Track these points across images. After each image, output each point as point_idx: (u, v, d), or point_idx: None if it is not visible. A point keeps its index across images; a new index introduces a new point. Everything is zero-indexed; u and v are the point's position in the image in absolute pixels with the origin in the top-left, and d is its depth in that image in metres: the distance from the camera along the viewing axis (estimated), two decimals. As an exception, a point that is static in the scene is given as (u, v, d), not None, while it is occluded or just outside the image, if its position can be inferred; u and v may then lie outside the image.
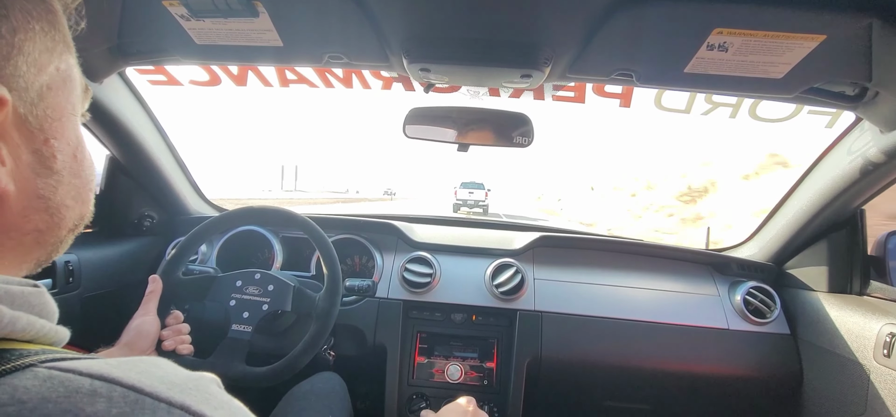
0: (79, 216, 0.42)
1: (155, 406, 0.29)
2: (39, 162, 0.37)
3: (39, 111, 0.36)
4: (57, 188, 0.39)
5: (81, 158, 0.42)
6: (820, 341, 1.21)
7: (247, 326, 0.99)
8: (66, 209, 0.40)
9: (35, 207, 0.37)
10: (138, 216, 1.47)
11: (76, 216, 0.42)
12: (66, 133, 0.39)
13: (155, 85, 1.27)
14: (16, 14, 0.34)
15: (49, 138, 0.37)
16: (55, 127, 0.38)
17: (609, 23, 0.80)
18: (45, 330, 0.34)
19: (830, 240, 1.27)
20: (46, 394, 0.26)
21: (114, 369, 0.30)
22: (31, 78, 0.35)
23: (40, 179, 0.37)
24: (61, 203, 0.39)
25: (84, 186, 0.43)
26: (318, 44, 0.95)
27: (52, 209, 0.38)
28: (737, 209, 11.72)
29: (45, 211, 0.38)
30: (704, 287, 1.41)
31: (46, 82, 0.37)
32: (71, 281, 1.16)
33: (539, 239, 1.47)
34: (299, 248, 1.50)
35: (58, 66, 0.38)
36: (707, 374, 1.28)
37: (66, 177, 0.39)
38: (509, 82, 1.03)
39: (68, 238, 0.42)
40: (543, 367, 1.30)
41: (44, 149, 0.37)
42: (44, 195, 0.38)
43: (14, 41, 0.34)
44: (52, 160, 0.38)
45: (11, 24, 0.33)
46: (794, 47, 0.79)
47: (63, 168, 0.39)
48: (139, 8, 0.87)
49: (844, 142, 1.13)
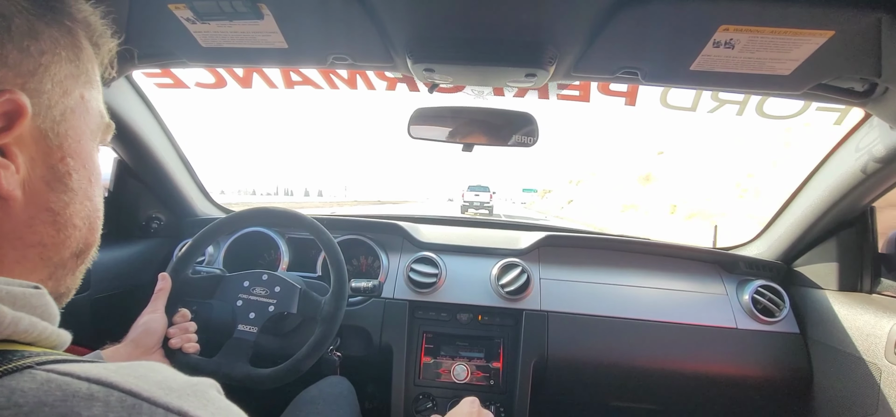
0: (84, 241, 0.43)
1: (152, 410, 0.29)
2: (54, 176, 0.38)
3: (61, 129, 0.39)
4: (68, 205, 0.40)
5: (97, 186, 0.44)
6: (830, 340, 1.20)
7: (252, 327, 1.00)
8: (74, 228, 0.41)
9: (42, 219, 0.38)
10: (146, 218, 1.48)
11: (82, 240, 0.43)
12: (83, 156, 0.41)
13: (161, 88, 1.28)
14: (45, 39, 0.37)
15: (66, 156, 0.39)
16: (74, 148, 0.40)
17: (614, 21, 0.79)
18: (47, 333, 0.35)
19: (840, 238, 1.26)
20: (43, 398, 0.26)
21: (112, 373, 0.30)
22: (56, 98, 0.38)
23: (53, 193, 0.38)
24: (70, 220, 0.40)
25: (94, 214, 0.44)
26: (322, 45, 0.95)
27: (60, 224, 0.39)
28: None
29: (53, 224, 0.39)
30: (712, 286, 1.40)
31: (71, 106, 0.40)
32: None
33: (545, 238, 1.47)
34: (305, 249, 1.50)
35: (83, 94, 0.41)
36: (715, 374, 1.27)
37: (79, 197, 0.41)
38: (514, 81, 1.02)
39: (72, 265, 0.43)
40: (550, 367, 1.29)
41: (60, 165, 0.39)
42: (53, 208, 0.39)
43: (41, 61, 0.36)
44: (67, 177, 0.39)
45: (40, 46, 0.36)
46: (802, 43, 0.78)
47: (78, 188, 0.41)
48: (146, 12, 0.88)
49: (853, 138, 1.11)
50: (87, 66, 0.42)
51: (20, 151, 0.35)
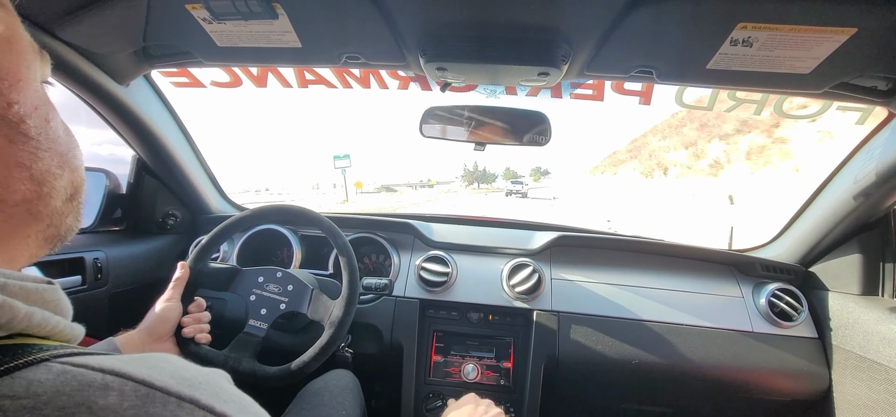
0: (70, 183, 0.41)
1: (165, 400, 0.30)
2: (9, 127, 0.35)
3: None
4: (37, 154, 0.37)
5: (55, 124, 0.41)
6: (850, 345, 1.17)
7: (263, 323, 1.01)
8: (54, 177, 0.39)
9: (17, 176, 0.36)
10: (163, 215, 1.51)
11: (67, 183, 0.41)
12: (28, 97, 0.37)
13: (178, 87, 1.30)
14: None
15: (11, 103, 0.36)
16: (14, 89, 0.36)
17: (628, 19, 0.78)
18: (61, 327, 0.35)
19: (861, 241, 1.23)
20: (60, 388, 0.27)
21: (125, 364, 0.30)
22: None
23: (16, 147, 0.36)
24: (46, 170, 0.38)
25: (68, 152, 0.41)
26: (335, 44, 0.96)
27: (37, 177, 0.37)
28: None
29: (29, 179, 0.37)
30: (727, 288, 1.38)
31: None
32: (99, 278, 1.20)
33: (556, 238, 1.46)
34: (317, 246, 1.52)
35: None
36: (730, 377, 1.25)
37: (44, 142, 0.38)
38: (526, 80, 1.02)
39: (68, 211, 0.42)
40: (560, 368, 1.29)
41: (9, 114, 0.35)
42: (24, 163, 0.36)
43: None
44: (22, 124, 0.36)
45: None
46: (823, 41, 0.77)
47: (38, 134, 0.38)
48: (163, 12, 0.90)
49: (876, 139, 1.09)
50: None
51: None
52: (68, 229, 0.43)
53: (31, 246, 0.39)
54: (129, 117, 1.23)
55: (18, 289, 0.33)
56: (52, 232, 0.41)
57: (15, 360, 0.28)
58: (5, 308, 0.30)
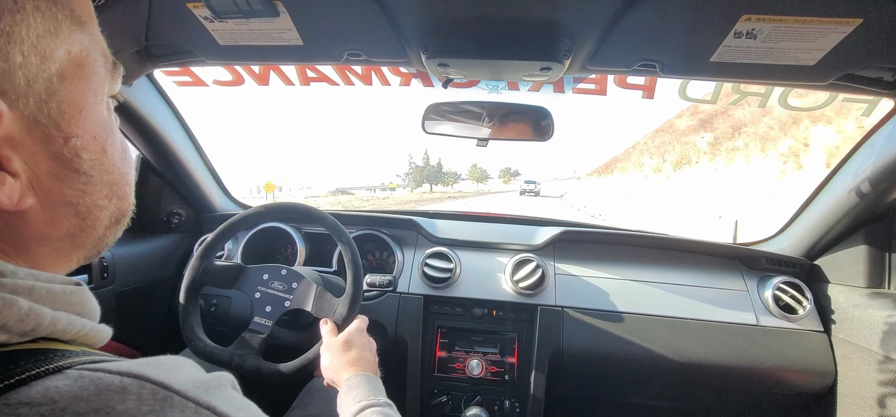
0: (115, 213, 0.40)
1: (183, 404, 0.30)
2: (62, 165, 0.33)
3: (52, 107, 0.31)
4: (86, 190, 0.35)
5: (112, 151, 0.38)
6: (855, 338, 1.16)
7: (268, 320, 1.02)
8: (99, 209, 0.37)
9: (63, 214, 0.34)
10: (167, 213, 1.52)
11: (112, 213, 0.39)
12: (89, 126, 0.34)
13: (181, 86, 1.31)
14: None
15: (69, 137, 0.32)
16: (74, 122, 0.33)
17: (631, 12, 0.78)
18: (86, 330, 0.35)
19: (866, 234, 1.22)
20: (78, 393, 0.27)
21: (142, 367, 0.30)
22: (33, 69, 0.29)
23: (66, 185, 0.33)
24: (92, 204, 0.36)
25: (119, 181, 0.39)
26: (337, 41, 0.95)
27: (83, 212, 0.36)
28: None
29: (75, 216, 0.35)
30: (732, 281, 1.37)
31: (56, 71, 0.31)
32: (106, 277, 1.21)
33: (560, 233, 1.46)
34: (321, 244, 1.52)
35: (69, 50, 0.32)
36: (735, 371, 1.25)
37: (95, 175, 0.36)
38: (528, 75, 1.01)
39: (109, 235, 0.41)
40: (565, 363, 1.29)
41: (64, 151, 0.32)
42: (72, 201, 0.34)
43: (1, 28, 0.27)
44: (76, 161, 0.33)
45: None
46: (828, 32, 0.76)
47: (91, 168, 0.35)
48: (165, 11, 0.90)
49: (881, 131, 1.08)
50: (66, 4, 0.32)
51: (14, 154, 0.29)
52: (107, 246, 0.42)
53: (71, 265, 0.39)
54: (132, 117, 1.24)
55: (46, 293, 0.32)
56: (93, 253, 0.41)
57: (36, 368, 0.28)
58: (31, 315, 0.30)
